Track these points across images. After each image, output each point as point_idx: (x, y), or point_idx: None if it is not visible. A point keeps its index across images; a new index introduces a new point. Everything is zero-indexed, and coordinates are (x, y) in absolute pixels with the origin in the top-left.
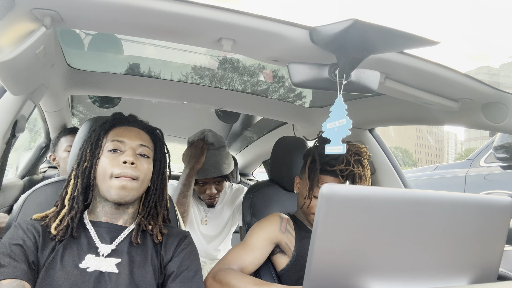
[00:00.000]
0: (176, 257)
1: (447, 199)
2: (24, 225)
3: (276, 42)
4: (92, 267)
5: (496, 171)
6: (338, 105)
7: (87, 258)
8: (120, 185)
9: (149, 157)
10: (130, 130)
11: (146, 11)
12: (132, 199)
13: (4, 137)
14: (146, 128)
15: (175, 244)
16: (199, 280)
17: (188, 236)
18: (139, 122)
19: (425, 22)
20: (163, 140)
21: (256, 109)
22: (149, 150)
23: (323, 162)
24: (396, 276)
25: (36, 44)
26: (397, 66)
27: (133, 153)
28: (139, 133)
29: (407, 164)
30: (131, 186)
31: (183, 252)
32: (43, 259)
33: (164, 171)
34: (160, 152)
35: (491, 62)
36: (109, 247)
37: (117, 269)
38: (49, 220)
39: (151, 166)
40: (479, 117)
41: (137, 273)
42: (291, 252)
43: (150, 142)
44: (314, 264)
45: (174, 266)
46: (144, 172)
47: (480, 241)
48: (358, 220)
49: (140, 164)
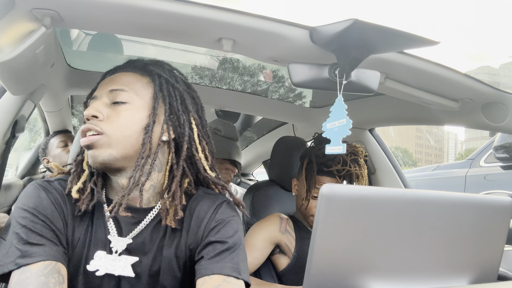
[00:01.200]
0: (206, 238)
1: (447, 199)
2: (50, 190)
3: (276, 42)
4: (102, 270)
5: (496, 171)
6: (338, 105)
7: (97, 256)
8: (83, 144)
9: (127, 102)
10: (106, 80)
11: (146, 11)
12: (112, 158)
13: (4, 137)
14: (136, 67)
15: (205, 222)
16: (236, 256)
17: (224, 203)
18: (127, 64)
19: (425, 22)
20: (170, 73)
21: (256, 109)
22: (127, 94)
23: (319, 163)
24: (396, 276)
25: (36, 44)
26: (397, 66)
27: (98, 104)
28: (116, 77)
29: (407, 164)
30: (98, 142)
31: (218, 229)
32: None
33: (178, 115)
34: (162, 91)
35: (491, 62)
36: (124, 241)
37: (133, 273)
38: (71, 184)
39: (137, 113)
40: (479, 117)
41: (162, 274)
42: (291, 253)
43: (137, 82)
44: (314, 264)
45: (202, 252)
46: (119, 123)
47: (480, 241)
48: (358, 220)
49: (114, 114)
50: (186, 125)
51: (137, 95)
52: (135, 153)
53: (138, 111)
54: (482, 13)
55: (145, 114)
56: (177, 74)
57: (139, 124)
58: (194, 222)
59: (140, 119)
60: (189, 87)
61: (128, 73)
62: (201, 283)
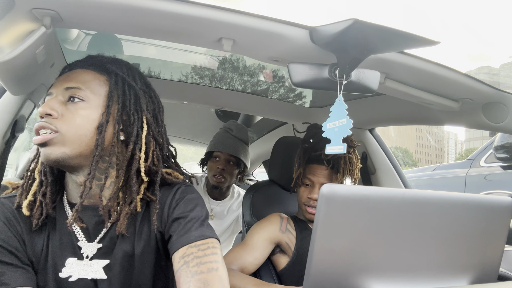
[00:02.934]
0: (170, 217)
1: (447, 199)
2: (0, 211)
3: (276, 42)
4: (75, 276)
5: (496, 171)
6: (338, 105)
7: (68, 263)
8: (36, 142)
9: (82, 100)
10: (63, 76)
11: (146, 11)
12: (65, 156)
13: (4, 137)
14: (93, 64)
15: (167, 204)
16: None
17: (181, 186)
18: (85, 61)
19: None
20: (128, 73)
21: (256, 109)
22: (83, 92)
23: (309, 148)
24: (396, 276)
25: (36, 44)
26: (397, 66)
27: (53, 102)
28: (72, 75)
29: (407, 164)
30: (51, 139)
31: (178, 206)
32: (35, 262)
33: (129, 115)
34: (117, 89)
35: (491, 62)
36: (94, 246)
37: (105, 275)
38: (20, 199)
39: (92, 112)
40: (479, 117)
41: (135, 272)
42: (291, 252)
43: (94, 80)
44: (314, 264)
45: (169, 231)
46: (73, 121)
47: (480, 241)
48: (358, 220)
49: (68, 112)
50: (136, 125)
51: (93, 93)
52: (90, 152)
53: (93, 110)
54: (482, 13)
55: (99, 113)
56: (135, 73)
57: (93, 123)
58: (159, 206)
59: (95, 119)
60: (147, 86)
61: (85, 71)
62: (172, 259)
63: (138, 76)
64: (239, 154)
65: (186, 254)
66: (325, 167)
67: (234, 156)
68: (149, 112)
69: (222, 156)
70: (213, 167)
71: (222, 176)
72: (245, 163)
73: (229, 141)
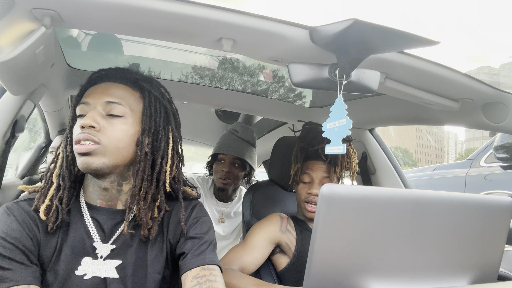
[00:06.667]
0: (184, 237)
1: (447, 199)
2: (17, 212)
3: (276, 42)
4: (90, 274)
5: (496, 171)
6: (338, 105)
7: (84, 262)
8: (79, 151)
9: (122, 116)
10: (99, 87)
11: (146, 11)
12: (104, 166)
13: (4, 137)
14: (128, 80)
15: (184, 220)
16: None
17: (197, 205)
18: (118, 74)
19: (425, 22)
20: (158, 91)
21: (256, 109)
22: (123, 108)
23: (305, 144)
24: (396, 276)
25: (36, 44)
26: (397, 66)
27: (95, 114)
28: (110, 88)
29: (407, 164)
30: (94, 150)
31: (193, 227)
32: (47, 260)
33: (158, 130)
34: (150, 107)
35: (491, 62)
36: (108, 247)
37: (117, 274)
38: (38, 202)
39: (130, 127)
40: (479, 117)
41: (148, 273)
42: (291, 252)
43: (131, 96)
44: (314, 264)
45: (183, 247)
46: (114, 135)
47: (480, 241)
48: (358, 220)
49: (109, 126)
50: (163, 140)
51: (131, 110)
52: (123, 162)
53: (131, 125)
54: (482, 13)
55: (136, 128)
56: (163, 92)
57: (131, 138)
58: (173, 219)
59: (132, 133)
60: (171, 103)
61: (121, 86)
62: (184, 276)
63: (165, 94)
64: (244, 156)
65: (199, 275)
66: (323, 162)
67: (239, 158)
68: (174, 128)
69: (226, 158)
70: (219, 169)
71: (227, 179)
72: (251, 165)
73: (234, 143)
